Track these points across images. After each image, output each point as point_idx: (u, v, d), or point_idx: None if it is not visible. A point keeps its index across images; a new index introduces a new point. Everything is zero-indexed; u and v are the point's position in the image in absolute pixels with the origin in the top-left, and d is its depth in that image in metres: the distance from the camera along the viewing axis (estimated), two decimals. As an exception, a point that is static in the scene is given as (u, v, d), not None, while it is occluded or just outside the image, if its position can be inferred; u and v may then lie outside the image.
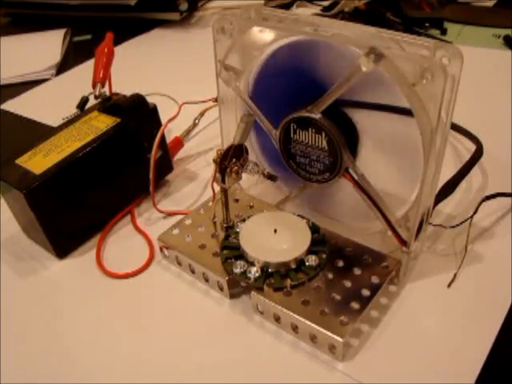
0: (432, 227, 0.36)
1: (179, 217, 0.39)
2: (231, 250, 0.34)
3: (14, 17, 0.96)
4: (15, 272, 0.37)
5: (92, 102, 0.45)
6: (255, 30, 0.33)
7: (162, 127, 0.41)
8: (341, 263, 0.33)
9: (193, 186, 0.45)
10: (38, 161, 0.37)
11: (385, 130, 0.31)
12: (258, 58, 0.34)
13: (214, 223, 0.37)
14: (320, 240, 0.34)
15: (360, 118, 0.32)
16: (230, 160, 0.34)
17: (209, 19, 0.86)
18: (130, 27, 0.82)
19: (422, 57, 0.27)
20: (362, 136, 0.32)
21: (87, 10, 0.86)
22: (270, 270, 0.32)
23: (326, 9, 0.82)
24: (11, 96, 0.65)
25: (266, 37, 0.33)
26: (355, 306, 0.30)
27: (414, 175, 0.30)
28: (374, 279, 0.31)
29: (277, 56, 0.33)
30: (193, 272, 0.35)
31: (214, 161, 0.34)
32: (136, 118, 0.40)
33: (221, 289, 0.33)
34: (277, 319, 0.31)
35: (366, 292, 0.30)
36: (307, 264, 0.32)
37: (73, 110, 0.49)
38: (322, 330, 0.28)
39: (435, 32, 0.71)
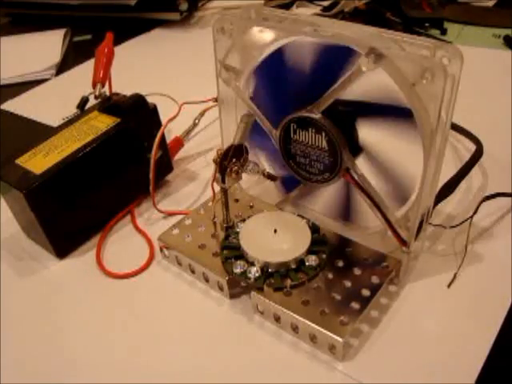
0: (432, 227, 0.36)
1: (179, 217, 0.39)
2: (231, 250, 0.34)
3: (14, 17, 0.96)
4: (15, 272, 0.37)
5: (92, 102, 0.45)
6: (255, 29, 0.33)
7: (162, 127, 0.41)
8: (341, 263, 0.33)
9: (193, 186, 0.45)
10: (38, 161, 0.37)
11: (385, 130, 0.31)
12: (257, 58, 0.34)
13: (214, 223, 0.37)
14: (320, 240, 0.34)
15: (360, 117, 0.32)
16: (230, 160, 0.34)
17: (209, 19, 0.86)
18: (130, 27, 0.82)
19: (422, 57, 0.26)
20: (362, 136, 0.32)
21: (87, 9, 0.86)
22: (270, 270, 0.32)
23: (325, 9, 0.81)
24: (11, 96, 0.65)
25: (265, 37, 0.33)
26: (355, 305, 0.30)
27: (413, 175, 0.30)
28: (374, 279, 0.31)
29: (277, 56, 0.33)
30: (193, 272, 0.35)
31: (214, 161, 0.34)
32: (136, 117, 0.40)
33: (221, 289, 0.33)
34: (277, 319, 0.31)
35: (365, 292, 0.30)
36: (307, 264, 0.32)
37: (73, 110, 0.49)
38: (322, 329, 0.28)
39: (435, 32, 0.71)
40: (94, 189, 0.39)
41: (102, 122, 0.40)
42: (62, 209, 0.37)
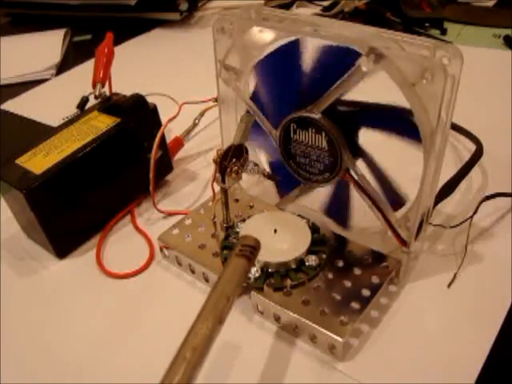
0: (432, 227, 0.36)
1: (179, 217, 0.39)
2: (231, 250, 0.34)
3: (14, 17, 0.96)
4: (15, 272, 0.37)
5: (92, 101, 0.45)
6: (255, 29, 0.33)
7: (162, 127, 0.41)
8: (341, 263, 0.33)
9: (193, 186, 0.45)
10: (38, 161, 0.37)
11: (384, 130, 0.31)
12: (258, 58, 0.34)
13: (214, 223, 0.37)
14: (320, 240, 0.34)
15: (360, 117, 0.32)
16: (230, 160, 0.34)
17: (209, 19, 0.86)
18: (130, 27, 0.82)
19: (422, 57, 0.26)
20: (362, 136, 0.32)
21: (87, 9, 0.86)
22: (269, 270, 0.32)
23: (326, 9, 0.82)
24: (11, 96, 0.65)
25: (265, 37, 0.33)
26: (355, 306, 0.30)
27: (413, 175, 0.30)
28: (374, 279, 0.31)
29: (277, 56, 0.33)
30: (193, 272, 0.35)
31: (214, 161, 0.34)
32: (136, 118, 0.40)
33: (221, 289, 0.33)
34: (277, 319, 0.31)
35: (366, 292, 0.30)
36: (307, 264, 0.32)
37: (73, 110, 0.49)
38: (322, 329, 0.28)
39: (435, 32, 0.71)
40: (93, 189, 0.39)
41: (102, 122, 0.40)
42: (61, 209, 0.37)
